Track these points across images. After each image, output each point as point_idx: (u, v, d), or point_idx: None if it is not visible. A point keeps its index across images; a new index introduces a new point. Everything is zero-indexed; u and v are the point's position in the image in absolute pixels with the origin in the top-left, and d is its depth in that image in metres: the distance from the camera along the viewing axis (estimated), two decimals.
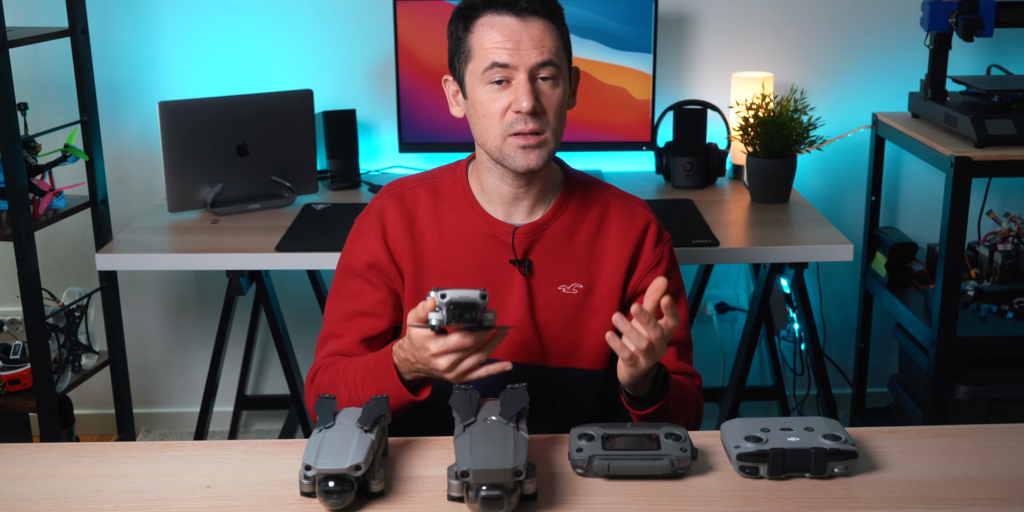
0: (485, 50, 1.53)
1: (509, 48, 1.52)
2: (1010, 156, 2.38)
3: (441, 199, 1.67)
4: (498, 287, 1.64)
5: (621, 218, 1.68)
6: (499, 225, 1.64)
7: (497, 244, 1.64)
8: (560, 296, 1.65)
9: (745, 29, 2.90)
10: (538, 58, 1.53)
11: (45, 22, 2.74)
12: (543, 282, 1.65)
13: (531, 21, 1.53)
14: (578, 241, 1.66)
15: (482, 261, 1.64)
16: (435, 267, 1.65)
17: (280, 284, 2.96)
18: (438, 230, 1.65)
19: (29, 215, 2.32)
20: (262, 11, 2.86)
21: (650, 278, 1.66)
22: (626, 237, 1.67)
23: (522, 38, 1.52)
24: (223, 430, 3.12)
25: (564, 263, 1.65)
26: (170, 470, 1.40)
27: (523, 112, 1.53)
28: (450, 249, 1.65)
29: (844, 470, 1.36)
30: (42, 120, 2.73)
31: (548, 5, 1.56)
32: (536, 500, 1.30)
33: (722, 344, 3.13)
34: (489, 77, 1.54)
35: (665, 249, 1.70)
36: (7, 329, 2.56)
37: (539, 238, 1.64)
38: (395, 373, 1.50)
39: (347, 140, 2.80)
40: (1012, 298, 2.63)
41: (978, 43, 2.85)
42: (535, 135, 1.54)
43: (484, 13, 1.55)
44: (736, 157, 2.84)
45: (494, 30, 1.53)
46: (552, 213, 1.65)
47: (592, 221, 1.67)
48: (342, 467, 1.27)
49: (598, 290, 1.66)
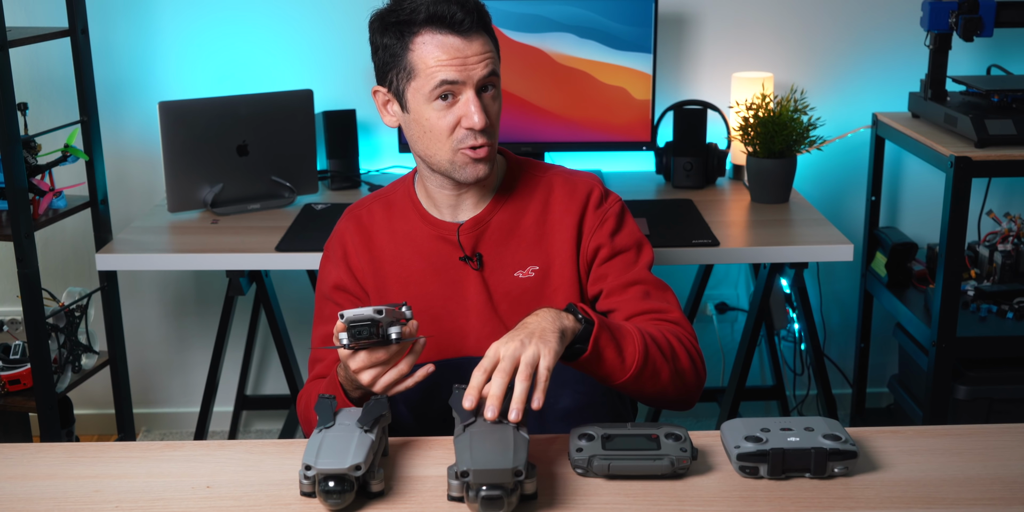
0: (431, 68, 1.53)
1: (456, 65, 1.52)
2: (1010, 156, 2.38)
3: (393, 211, 1.71)
4: (455, 286, 1.66)
5: (563, 193, 1.68)
6: (444, 226, 1.66)
7: (445, 244, 1.66)
8: (518, 282, 1.66)
9: (745, 29, 2.90)
10: (484, 70, 1.54)
11: (45, 22, 2.74)
12: (497, 272, 1.66)
13: (472, 37, 1.54)
14: (525, 225, 1.66)
15: (435, 263, 1.66)
16: (395, 277, 1.68)
17: (280, 284, 2.96)
18: (393, 241, 1.69)
19: (29, 215, 2.32)
20: (262, 11, 2.86)
21: (600, 234, 1.65)
22: (569, 208, 1.67)
23: (467, 54, 1.53)
24: (223, 430, 3.12)
25: (516, 249, 1.66)
26: (170, 470, 1.40)
27: (476, 128, 1.54)
28: (406, 257, 1.68)
29: (844, 470, 1.36)
30: (42, 120, 2.73)
31: (484, 19, 1.57)
32: (536, 500, 1.30)
33: (722, 344, 3.13)
34: (436, 94, 1.54)
35: (610, 210, 1.68)
36: (7, 329, 2.56)
37: (484, 230, 1.66)
38: (342, 392, 1.54)
39: (347, 140, 2.80)
40: (1012, 298, 2.63)
41: (978, 43, 2.85)
42: (483, 148, 1.57)
43: (423, 30, 1.53)
44: (736, 157, 2.84)
45: (438, 49, 1.53)
46: (493, 204, 1.67)
47: (537, 203, 1.67)
48: (342, 467, 1.27)
49: (555, 268, 1.66)
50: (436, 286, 1.66)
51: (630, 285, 1.65)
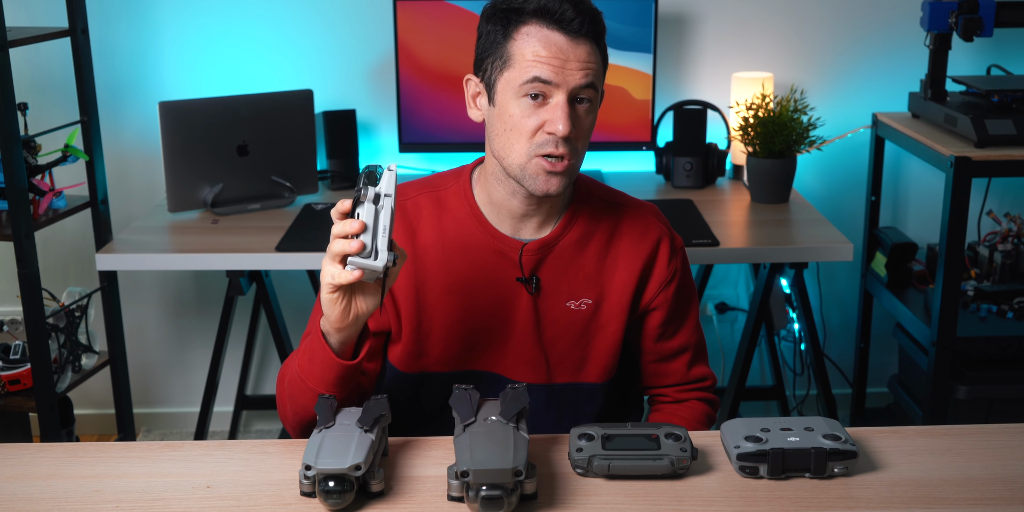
0: (527, 61, 1.44)
1: (555, 65, 1.44)
2: (1010, 156, 2.38)
3: (445, 210, 1.59)
4: (504, 304, 1.59)
5: (633, 230, 1.61)
6: (507, 241, 1.57)
7: (504, 260, 1.57)
8: (568, 312, 1.60)
9: (745, 29, 2.90)
10: (582, 80, 1.45)
11: (45, 22, 2.74)
12: (551, 299, 1.59)
13: (579, 41, 1.45)
14: (588, 255, 1.59)
15: (488, 277, 1.58)
16: (436, 281, 1.58)
17: (280, 284, 2.96)
18: (441, 243, 1.58)
19: (29, 215, 2.32)
20: (262, 11, 2.86)
21: (664, 294, 1.62)
22: (638, 251, 1.60)
23: (569, 57, 1.44)
24: (223, 430, 3.12)
25: (573, 279, 1.59)
26: (170, 470, 1.40)
27: (558, 135, 1.45)
28: (455, 264, 1.58)
29: (844, 470, 1.36)
30: (42, 120, 2.73)
31: (598, 28, 1.49)
32: (536, 500, 1.30)
33: (722, 344, 3.13)
34: (526, 90, 1.45)
35: (678, 262, 1.64)
36: (7, 329, 2.56)
37: (548, 255, 1.58)
38: (323, 342, 1.45)
39: (347, 140, 2.80)
40: (1012, 298, 2.63)
41: (978, 43, 2.85)
42: (562, 160, 1.47)
43: (530, 21, 1.45)
44: (736, 157, 2.84)
45: (540, 43, 1.44)
46: (561, 229, 1.58)
47: (603, 234, 1.60)
48: (342, 467, 1.27)
49: (607, 304, 1.60)
50: (484, 301, 1.58)
51: (680, 353, 1.66)
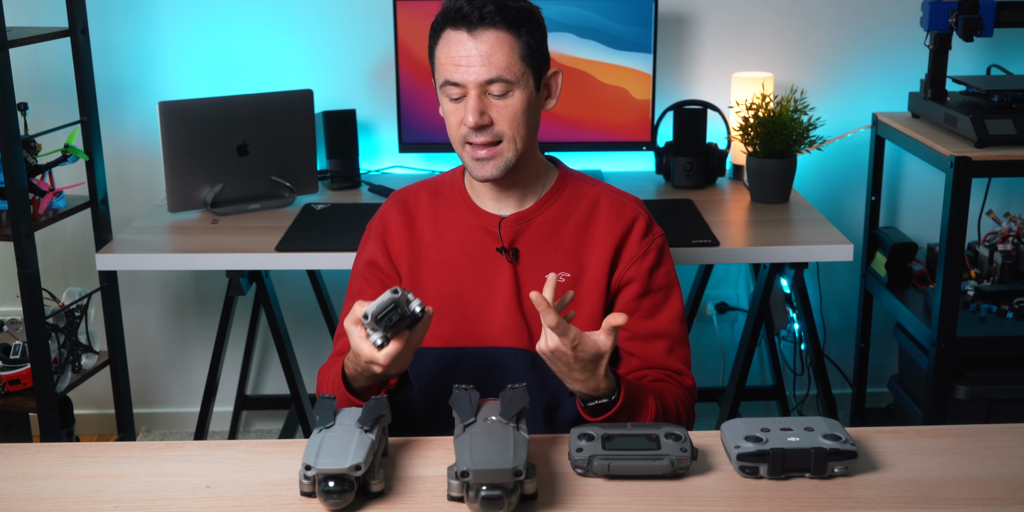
0: (441, 66, 1.59)
1: (461, 65, 1.55)
2: (1010, 156, 2.38)
3: (439, 198, 1.74)
4: (487, 275, 1.68)
5: (610, 210, 1.70)
6: (487, 216, 1.69)
7: (486, 234, 1.69)
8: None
9: (745, 29, 2.90)
10: (485, 76, 1.55)
11: (45, 22, 2.74)
12: (530, 270, 1.68)
13: (483, 35, 1.55)
14: (566, 231, 1.68)
15: (473, 252, 1.69)
16: (430, 261, 1.70)
17: (280, 284, 2.96)
18: (434, 226, 1.72)
19: (29, 215, 2.32)
20: (262, 11, 2.86)
21: (637, 267, 1.67)
22: (613, 228, 1.68)
23: (471, 55, 1.55)
24: (223, 430, 3.12)
25: (552, 252, 1.68)
26: (170, 470, 1.40)
27: (468, 126, 1.57)
28: (445, 243, 1.70)
29: (844, 470, 1.36)
30: (42, 120, 2.73)
31: (504, 11, 1.55)
32: (536, 500, 1.30)
33: (722, 344, 3.13)
34: (445, 93, 1.59)
35: (654, 243, 1.70)
36: (7, 329, 2.56)
37: (526, 228, 1.68)
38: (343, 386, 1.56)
39: (347, 140, 2.80)
40: (1012, 298, 2.63)
41: (978, 43, 2.85)
42: (487, 147, 1.59)
43: (446, 28, 1.58)
44: (736, 157, 2.84)
45: (449, 46, 1.57)
46: (540, 204, 1.69)
47: (582, 212, 1.70)
48: (342, 467, 1.27)
49: (585, 280, 1.67)
50: (469, 274, 1.68)
51: (658, 337, 1.67)
